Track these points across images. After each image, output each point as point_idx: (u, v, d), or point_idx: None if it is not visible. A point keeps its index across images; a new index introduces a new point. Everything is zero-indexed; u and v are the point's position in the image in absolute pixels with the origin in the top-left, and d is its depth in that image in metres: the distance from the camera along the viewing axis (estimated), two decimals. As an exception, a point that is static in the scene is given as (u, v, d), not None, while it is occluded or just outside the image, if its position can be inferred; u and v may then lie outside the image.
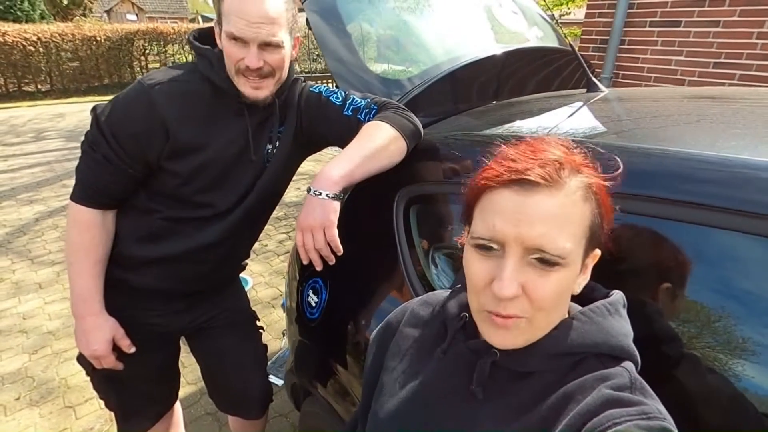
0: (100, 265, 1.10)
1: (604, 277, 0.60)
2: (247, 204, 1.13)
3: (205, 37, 1.10)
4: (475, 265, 0.53)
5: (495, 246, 0.51)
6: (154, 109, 1.00)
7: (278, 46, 0.99)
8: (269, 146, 1.14)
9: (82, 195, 1.06)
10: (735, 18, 2.86)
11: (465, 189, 0.57)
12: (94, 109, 1.05)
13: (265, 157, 1.13)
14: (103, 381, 1.24)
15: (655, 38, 3.29)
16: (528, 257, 0.49)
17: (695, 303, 0.67)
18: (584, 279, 0.56)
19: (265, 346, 1.48)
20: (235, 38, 0.96)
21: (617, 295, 0.59)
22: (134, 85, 1.04)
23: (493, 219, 0.50)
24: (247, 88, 1.01)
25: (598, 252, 0.56)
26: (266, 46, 0.98)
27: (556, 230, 0.48)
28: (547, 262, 0.49)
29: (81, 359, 1.19)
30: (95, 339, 1.10)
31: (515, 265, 0.49)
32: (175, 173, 1.06)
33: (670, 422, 0.46)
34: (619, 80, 3.59)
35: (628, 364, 0.53)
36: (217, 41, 1.03)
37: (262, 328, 1.49)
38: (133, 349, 1.16)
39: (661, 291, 0.69)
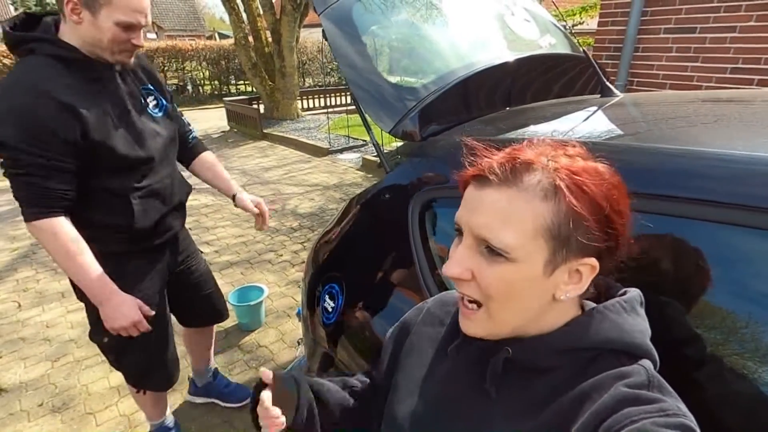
0: (89, 253, 1.21)
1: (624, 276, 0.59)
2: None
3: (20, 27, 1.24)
4: (452, 248, 0.59)
5: (461, 232, 0.56)
6: (48, 101, 1.12)
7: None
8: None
9: (35, 210, 1.17)
10: (752, 23, 2.83)
11: None
12: None
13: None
14: (130, 346, 1.44)
15: (669, 45, 3.27)
16: (481, 246, 0.53)
17: (717, 304, 0.66)
18: (577, 288, 0.54)
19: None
20: (127, 26, 1.19)
21: (634, 293, 0.58)
22: (7, 97, 1.13)
23: (460, 208, 0.56)
24: (127, 58, 1.27)
25: (593, 261, 0.52)
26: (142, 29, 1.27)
27: (498, 223, 0.51)
28: (492, 251, 0.52)
29: (97, 335, 1.47)
30: (129, 310, 1.24)
31: (465, 249, 0.54)
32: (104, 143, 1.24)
33: (690, 419, 0.45)
34: (634, 87, 3.56)
35: (646, 362, 0.52)
36: (83, 26, 1.17)
37: (200, 251, 1.85)
38: (152, 312, 1.35)
39: (683, 291, 0.69)
